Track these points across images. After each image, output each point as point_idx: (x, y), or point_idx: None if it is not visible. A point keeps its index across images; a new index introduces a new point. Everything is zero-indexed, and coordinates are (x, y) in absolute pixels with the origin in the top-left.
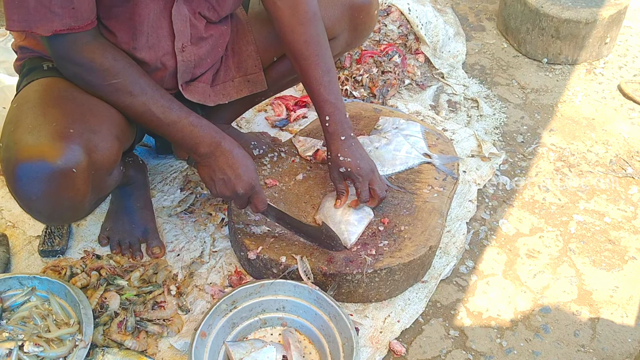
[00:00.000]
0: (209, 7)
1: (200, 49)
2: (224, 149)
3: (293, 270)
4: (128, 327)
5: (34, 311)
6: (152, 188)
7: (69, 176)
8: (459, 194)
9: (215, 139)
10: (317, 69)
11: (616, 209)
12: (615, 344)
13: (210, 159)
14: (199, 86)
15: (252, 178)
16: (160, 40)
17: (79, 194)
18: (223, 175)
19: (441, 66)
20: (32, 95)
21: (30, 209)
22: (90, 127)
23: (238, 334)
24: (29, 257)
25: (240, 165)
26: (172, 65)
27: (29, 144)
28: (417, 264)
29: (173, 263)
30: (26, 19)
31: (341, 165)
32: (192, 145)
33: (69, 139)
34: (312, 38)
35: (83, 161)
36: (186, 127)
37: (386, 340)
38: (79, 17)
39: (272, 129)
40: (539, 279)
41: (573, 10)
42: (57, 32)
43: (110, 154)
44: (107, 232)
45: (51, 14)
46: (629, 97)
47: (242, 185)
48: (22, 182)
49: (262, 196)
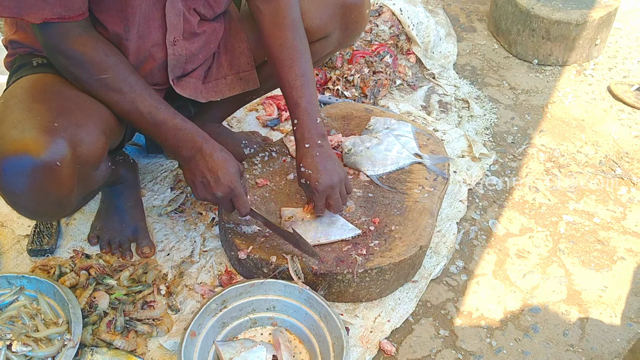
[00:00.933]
0: (205, 4)
1: (192, 44)
2: (204, 152)
3: (284, 270)
4: (117, 327)
5: (22, 310)
6: (143, 187)
7: (54, 170)
8: (449, 194)
9: (198, 142)
10: (290, 73)
11: (605, 210)
12: (604, 343)
13: (191, 162)
14: (191, 81)
15: (231, 181)
16: (151, 31)
17: (64, 189)
18: (202, 179)
19: (432, 67)
20: (18, 91)
21: (15, 204)
22: (75, 121)
23: (228, 334)
24: (18, 257)
25: (219, 168)
26: (162, 57)
27: (13, 138)
28: (407, 263)
29: (163, 262)
30: (17, 5)
31: (301, 177)
32: (175, 147)
33: (53, 132)
34: (287, 42)
35: (67, 155)
36: (171, 129)
37: (376, 339)
38: (71, 6)
39: (264, 128)
40: (529, 278)
41: (563, 12)
42: (48, 20)
43: (95, 148)
44: (96, 231)
45: (42, 2)
46: (618, 98)
47: (221, 189)
48: (6, 176)
49: (243, 199)
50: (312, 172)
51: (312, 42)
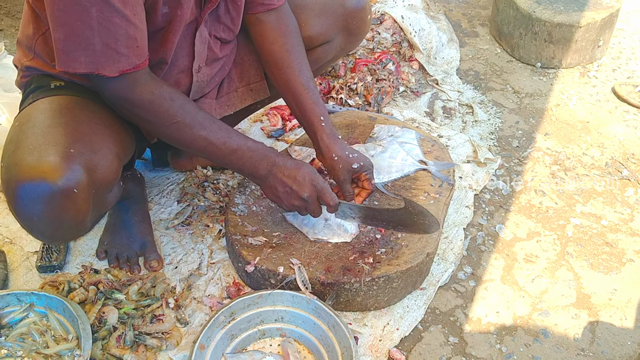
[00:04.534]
0: (224, 29)
1: (213, 69)
2: (279, 165)
3: (291, 281)
4: (127, 341)
5: (32, 327)
6: (150, 201)
7: (70, 196)
8: (455, 200)
9: (271, 158)
10: (301, 75)
11: (613, 212)
12: (615, 346)
13: (269, 178)
14: (206, 102)
15: (312, 179)
16: (178, 59)
17: (80, 213)
18: (285, 188)
19: (435, 73)
20: (33, 114)
21: (32, 230)
22: (91, 146)
23: (237, 346)
24: (27, 273)
25: (297, 172)
26: (187, 83)
27: (30, 164)
28: (415, 271)
29: (171, 276)
30: (93, 61)
31: (353, 162)
32: (252, 169)
33: (70, 159)
34: (293, 48)
35: (84, 181)
36: (246, 153)
37: (386, 348)
38: (142, 54)
39: (268, 139)
40: (537, 283)
41: (565, 15)
42: (124, 72)
43: (110, 172)
44: (105, 246)
45: (118, 54)
46: (623, 99)
47: (305, 190)
48: (23, 202)
49: (329, 191)
50: (357, 155)
51: (314, 48)
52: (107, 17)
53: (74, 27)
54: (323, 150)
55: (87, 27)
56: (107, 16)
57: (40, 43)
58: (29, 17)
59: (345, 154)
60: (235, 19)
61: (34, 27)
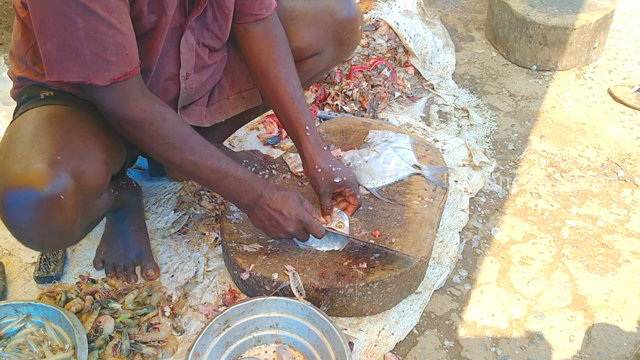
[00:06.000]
0: (212, 37)
1: (202, 76)
2: (265, 197)
3: (285, 287)
4: (123, 350)
5: (29, 338)
6: (146, 210)
7: (57, 203)
8: (451, 204)
9: (257, 190)
10: (288, 85)
11: (609, 213)
12: (611, 348)
13: (255, 209)
14: (196, 109)
15: (297, 214)
16: (164, 67)
17: (68, 220)
18: (272, 221)
19: (431, 77)
20: (22, 124)
21: (21, 237)
22: (78, 153)
23: (232, 353)
24: (25, 284)
25: (283, 207)
26: (174, 90)
27: (17, 172)
28: (409, 275)
29: (167, 284)
30: (84, 71)
31: (336, 176)
32: (238, 198)
33: (56, 166)
34: (280, 58)
35: (70, 187)
36: (232, 182)
37: (381, 353)
38: (132, 61)
39: (264, 146)
40: (533, 285)
41: (559, 17)
42: (115, 80)
43: (97, 179)
44: (102, 256)
45: (107, 63)
46: (619, 100)
47: (291, 225)
48: (11, 210)
49: (315, 224)
50: (342, 169)
51: (305, 59)
52: (93, 26)
53: (63, 37)
54: (307, 160)
55: (75, 37)
56: (93, 25)
57: (30, 55)
58: (19, 30)
59: (329, 167)
60: (223, 27)
61: (24, 39)
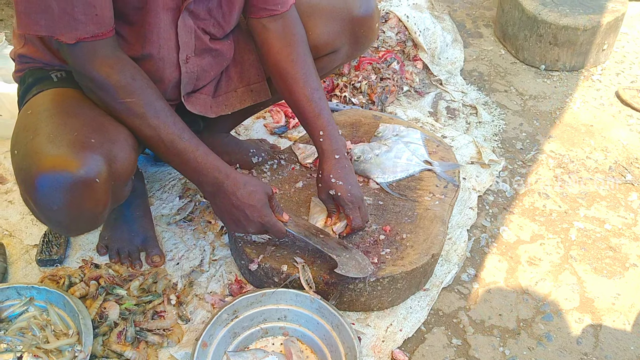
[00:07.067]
0: (215, 24)
1: (202, 60)
2: (226, 190)
3: (295, 279)
4: (128, 338)
5: (32, 322)
6: (151, 196)
7: (91, 186)
8: (459, 201)
9: (219, 179)
10: (305, 87)
11: (616, 216)
12: (618, 351)
13: (216, 199)
14: (201, 98)
15: (260, 217)
16: (166, 50)
17: (100, 204)
18: (231, 216)
19: (439, 73)
20: (48, 104)
21: (50, 220)
22: (109, 137)
23: (239, 344)
24: (27, 267)
25: (246, 206)
26: (176, 75)
27: (51, 153)
28: (419, 272)
29: (173, 272)
30: (52, 25)
31: (331, 188)
32: (197, 181)
33: (91, 148)
34: (299, 58)
35: (104, 171)
36: (191, 161)
37: (388, 349)
38: (102, 23)
39: (271, 136)
40: (541, 286)
41: (571, 17)
42: (81, 39)
43: (128, 164)
44: (105, 241)
45: (75, 21)
46: (626, 103)
47: (252, 226)
48: (42, 192)
49: (276, 228)
50: (343, 183)
51: (320, 57)
52: None
53: None
54: (319, 163)
55: None
56: None
57: None
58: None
59: (329, 177)
60: (226, 15)
61: None
